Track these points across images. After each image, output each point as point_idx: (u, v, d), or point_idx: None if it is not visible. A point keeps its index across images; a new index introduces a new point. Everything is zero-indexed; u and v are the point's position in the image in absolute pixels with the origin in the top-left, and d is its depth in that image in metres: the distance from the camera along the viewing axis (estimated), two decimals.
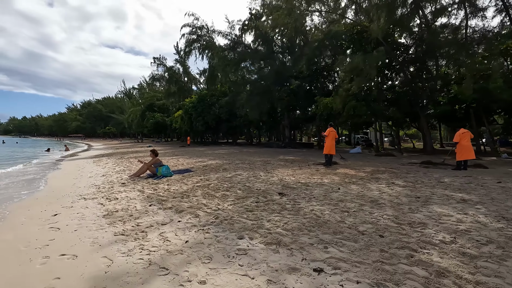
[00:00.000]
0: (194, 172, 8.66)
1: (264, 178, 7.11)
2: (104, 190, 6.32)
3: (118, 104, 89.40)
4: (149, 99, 57.44)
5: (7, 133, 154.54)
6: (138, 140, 61.17)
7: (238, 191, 5.75)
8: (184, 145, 32.41)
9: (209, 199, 5.21)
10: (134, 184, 6.98)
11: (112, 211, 4.59)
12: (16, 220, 4.32)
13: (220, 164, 10.90)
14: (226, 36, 29.80)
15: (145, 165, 8.22)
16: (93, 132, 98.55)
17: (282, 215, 4.19)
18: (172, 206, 4.78)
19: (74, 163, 14.15)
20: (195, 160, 13.13)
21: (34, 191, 6.75)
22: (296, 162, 11.61)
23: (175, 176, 7.96)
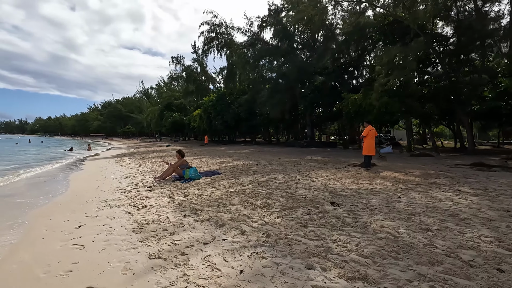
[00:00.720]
0: (222, 175, 8.00)
1: (304, 183, 6.32)
2: (130, 195, 5.76)
3: (137, 104, 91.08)
4: (167, 98, 57.90)
5: (34, 133, 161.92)
6: (157, 139, 61.85)
7: (281, 199, 5.00)
8: (202, 144, 32.08)
9: (251, 209, 4.49)
10: (161, 188, 6.39)
11: (143, 223, 3.97)
12: (36, 233, 3.77)
13: (247, 165, 10.20)
14: (245, 32, 29.15)
15: (171, 167, 7.64)
16: (113, 132, 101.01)
17: (347, 233, 3.40)
18: (210, 217, 4.09)
19: (96, 163, 13.92)
20: (219, 160, 12.52)
21: (56, 195, 6.30)
22: (329, 163, 10.72)
23: (203, 179, 7.33)
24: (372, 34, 17.48)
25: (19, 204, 5.48)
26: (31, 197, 6.16)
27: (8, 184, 8.13)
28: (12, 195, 6.52)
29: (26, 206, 5.29)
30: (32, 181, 8.68)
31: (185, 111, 54.10)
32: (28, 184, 8.24)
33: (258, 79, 27.72)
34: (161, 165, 11.37)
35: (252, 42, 27.34)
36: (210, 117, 29.74)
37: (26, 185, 8.07)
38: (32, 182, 8.50)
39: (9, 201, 5.86)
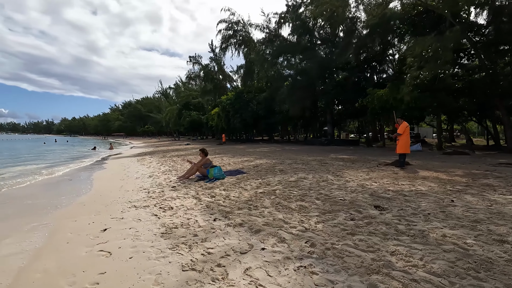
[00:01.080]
0: (247, 174, 7.65)
1: (338, 184, 5.84)
2: (155, 196, 5.52)
3: (156, 103, 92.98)
4: (185, 97, 58.52)
5: (59, 133, 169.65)
6: (175, 138, 62.72)
7: (316, 201, 4.56)
8: (220, 143, 32.01)
9: (286, 212, 4.09)
10: (186, 188, 6.12)
11: (171, 226, 3.67)
12: (61, 236, 3.56)
13: (271, 164, 9.80)
14: (263, 29, 28.69)
15: (194, 166, 7.38)
16: (133, 131, 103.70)
17: (405, 243, 2.93)
18: (242, 222, 3.73)
19: (119, 162, 14.01)
20: (241, 159, 12.20)
21: (81, 195, 6.19)
22: (357, 162, 10.12)
23: (228, 179, 7.00)
24: (400, 25, 16.52)
25: (44, 205, 5.37)
26: (56, 196, 6.08)
27: (34, 183, 8.19)
28: (38, 195, 6.49)
29: (51, 207, 5.17)
30: (58, 180, 8.73)
31: (202, 110, 54.49)
32: (54, 183, 8.27)
33: (276, 76, 27.21)
34: (183, 164, 11.20)
35: (270, 38, 26.84)
36: (228, 116, 29.59)
37: (52, 184, 8.10)
38: (58, 181, 8.54)
39: (35, 201, 5.79)
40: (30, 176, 9.50)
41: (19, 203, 5.66)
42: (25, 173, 10.48)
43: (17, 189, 7.25)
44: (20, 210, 5.05)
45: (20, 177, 9.27)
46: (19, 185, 7.88)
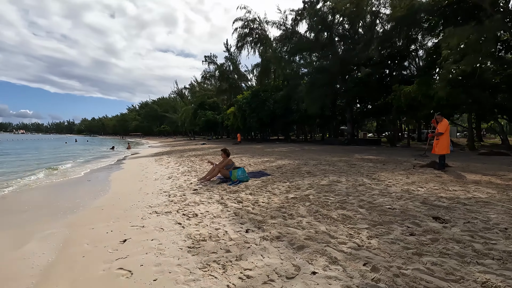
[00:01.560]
0: (272, 176, 7.12)
1: (379, 188, 5.21)
2: (176, 200, 5.10)
3: (172, 103, 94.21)
4: (200, 97, 58.67)
5: (80, 133, 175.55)
6: (190, 138, 63.10)
7: (360, 210, 3.97)
8: (236, 142, 31.66)
9: (328, 223, 3.53)
10: (209, 192, 5.67)
11: (198, 239, 3.20)
12: (76, 248, 3.17)
13: (295, 165, 9.23)
14: (279, 27, 28.04)
15: (216, 167, 6.93)
16: (150, 131, 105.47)
17: (492, 269, 2.32)
18: (280, 234, 3.21)
19: (137, 162, 13.85)
20: (261, 159, 11.69)
21: (99, 197, 5.87)
22: (388, 163, 9.38)
23: (252, 181, 6.51)
24: (429, 17, 15.46)
25: (61, 208, 5.07)
26: (73, 199, 5.78)
27: (51, 184, 8.02)
28: (55, 197, 6.24)
29: (67, 210, 4.85)
30: (76, 181, 8.53)
31: (218, 109, 54.46)
32: (72, 183, 8.07)
33: (294, 74, 26.52)
34: (202, 164, 10.82)
35: (288, 36, 26.15)
36: (244, 115, 29.16)
37: (70, 184, 7.89)
38: (76, 182, 8.33)
39: (51, 204, 5.52)
40: (47, 177, 9.39)
41: (34, 206, 5.39)
42: (43, 173, 10.42)
43: (35, 190, 7.06)
44: (35, 214, 4.76)
45: (39, 178, 9.17)
46: (37, 184, 7.71)
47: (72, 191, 6.86)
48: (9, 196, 6.38)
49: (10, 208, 5.31)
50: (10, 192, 6.80)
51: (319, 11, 23.27)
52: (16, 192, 6.74)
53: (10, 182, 8.04)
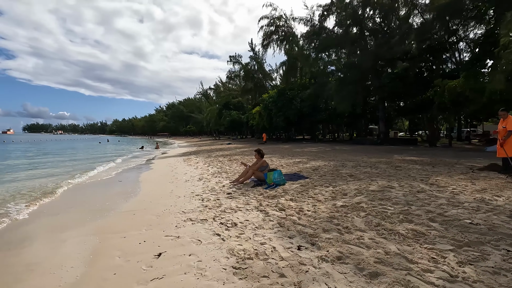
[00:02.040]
0: (310, 179, 6.52)
1: (444, 196, 4.44)
2: (211, 205, 4.69)
3: (197, 104, 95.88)
4: (225, 97, 58.99)
5: (112, 133, 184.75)
6: (215, 137, 63.70)
7: (433, 224, 3.29)
8: (261, 142, 31.20)
9: (397, 241, 2.90)
10: (244, 196, 5.21)
11: (243, 256, 2.72)
12: (107, 261, 2.81)
13: (331, 166, 8.55)
14: (307, 23, 27.20)
15: (250, 169, 6.47)
16: (176, 131, 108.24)
17: None
18: (341, 254, 2.64)
19: (165, 162, 13.81)
20: (292, 160, 11.10)
21: (129, 199, 5.62)
22: (439, 165, 8.39)
23: (289, 185, 5.96)
24: (478, 3, 13.94)
25: (91, 211, 4.86)
26: (104, 201, 5.58)
27: (83, 185, 8.00)
28: (86, 199, 6.09)
29: (98, 214, 4.61)
30: (108, 181, 8.48)
31: (242, 109, 54.41)
32: (104, 184, 8.01)
33: (322, 71, 25.54)
34: (231, 165, 10.45)
35: (315, 32, 25.22)
36: (270, 114, 28.61)
37: (101, 185, 7.82)
38: (108, 182, 8.27)
39: (83, 206, 5.34)
40: (80, 177, 9.47)
41: (66, 208, 5.24)
42: (77, 173, 10.58)
43: (67, 192, 7.02)
44: (66, 218, 4.56)
45: (71, 179, 9.26)
46: (69, 186, 7.72)
47: (103, 193, 6.73)
48: (42, 197, 6.35)
49: (43, 211, 5.20)
50: (42, 193, 6.81)
51: (349, 5, 22.16)
52: (48, 194, 6.72)
53: (44, 185, 8.14)
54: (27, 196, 6.32)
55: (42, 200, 5.89)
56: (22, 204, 5.55)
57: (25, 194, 6.55)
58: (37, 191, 6.87)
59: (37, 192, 6.74)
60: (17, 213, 4.90)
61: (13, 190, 7.00)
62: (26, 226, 4.24)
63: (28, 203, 5.56)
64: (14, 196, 6.32)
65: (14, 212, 5.00)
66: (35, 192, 6.75)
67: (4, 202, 5.75)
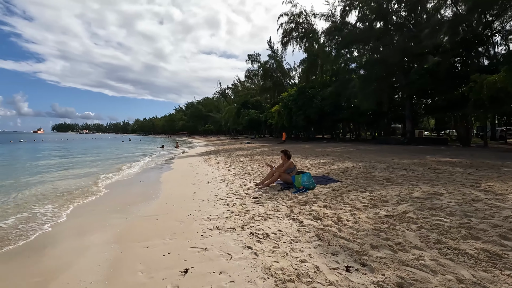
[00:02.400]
0: (341, 182, 6.03)
1: (509, 207, 3.83)
2: (237, 211, 4.34)
3: (215, 103, 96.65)
4: (243, 96, 58.90)
5: (133, 132, 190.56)
6: (234, 137, 63.81)
7: (507, 243, 2.74)
8: (280, 141, 30.68)
9: (469, 265, 2.39)
10: (272, 201, 4.82)
11: (281, 277, 2.32)
12: (129, 278, 2.51)
13: (361, 169, 7.98)
14: (328, 18, 26.33)
15: (276, 171, 6.07)
16: (195, 130, 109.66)
17: None
18: (402, 280, 2.18)
19: (186, 162, 13.69)
20: (316, 160, 10.58)
21: (150, 202, 5.40)
22: (482, 167, 7.60)
23: (319, 189, 5.50)
24: None
25: (111, 215, 4.65)
26: (125, 203, 5.39)
27: (105, 186, 7.92)
28: (107, 201, 5.94)
29: (119, 218, 4.39)
30: (129, 182, 8.38)
31: (261, 108, 54.06)
32: (124, 185, 7.90)
33: (344, 68, 24.64)
34: (253, 165, 10.10)
35: (337, 28, 24.34)
36: (290, 113, 28.01)
37: (122, 186, 7.71)
38: (129, 183, 8.17)
39: (104, 208, 5.16)
40: (103, 179, 9.47)
41: (87, 210, 5.08)
42: (101, 174, 10.63)
43: (91, 193, 6.93)
44: (86, 221, 4.37)
45: (95, 180, 9.26)
46: (93, 189, 7.66)
47: (124, 194, 6.58)
48: (65, 199, 6.27)
49: (69, 213, 5.07)
50: (66, 195, 6.76)
51: None
52: (71, 195, 6.66)
53: (69, 186, 8.15)
54: (53, 197, 6.28)
55: (68, 203, 5.80)
56: (48, 206, 5.48)
57: (50, 195, 6.53)
58: (62, 193, 6.84)
59: (63, 194, 6.71)
60: (43, 216, 4.79)
61: (38, 192, 7.02)
62: (50, 229, 4.08)
63: (55, 206, 5.48)
64: (39, 198, 6.31)
65: (40, 214, 4.90)
66: (61, 194, 6.72)
67: (28, 204, 5.71)
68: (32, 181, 8.62)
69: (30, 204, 5.62)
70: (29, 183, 8.12)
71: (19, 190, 7.05)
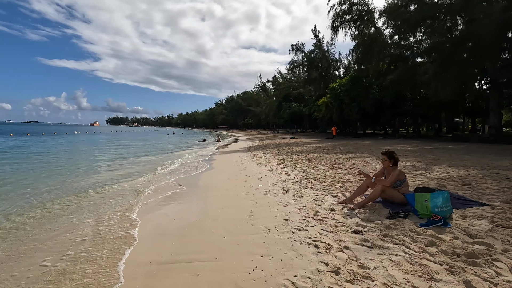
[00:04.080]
0: (489, 206, 3.66)
1: None
2: (344, 269, 2.31)
3: (255, 97, 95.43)
4: (285, 89, 56.41)
5: (176, 126, 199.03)
6: (274, 131, 61.80)
7: None
8: (329, 136, 27.86)
9: None
10: (395, 243, 2.70)
11: None
12: None
13: (487, 179, 5.43)
14: None
15: (378, 184, 3.92)
16: (234, 124, 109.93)
17: None
18: None
19: (230, 159, 12.03)
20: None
21: (189, 235, 3.59)
22: None
23: (459, 217, 3.23)
24: None
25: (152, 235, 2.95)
26: (166, 219, 3.70)
27: (141, 194, 6.45)
28: (141, 214, 4.33)
29: (157, 260, 2.64)
30: (167, 188, 6.84)
31: (303, 101, 51.21)
32: (161, 193, 6.35)
33: (413, 51, 21.00)
34: (315, 166, 7.99)
35: (403, 3, 20.71)
36: (341, 105, 25.08)
37: (159, 192, 6.15)
38: (166, 187, 6.61)
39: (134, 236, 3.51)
40: (140, 180, 8.13)
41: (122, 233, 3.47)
42: (141, 177, 9.40)
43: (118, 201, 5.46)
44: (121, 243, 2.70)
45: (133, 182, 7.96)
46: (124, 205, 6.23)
47: (161, 211, 4.96)
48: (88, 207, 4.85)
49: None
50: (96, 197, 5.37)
51: None
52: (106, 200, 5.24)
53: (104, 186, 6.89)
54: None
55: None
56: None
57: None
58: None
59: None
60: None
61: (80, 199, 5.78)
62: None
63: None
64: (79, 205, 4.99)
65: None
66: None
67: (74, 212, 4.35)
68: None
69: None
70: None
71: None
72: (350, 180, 6.00)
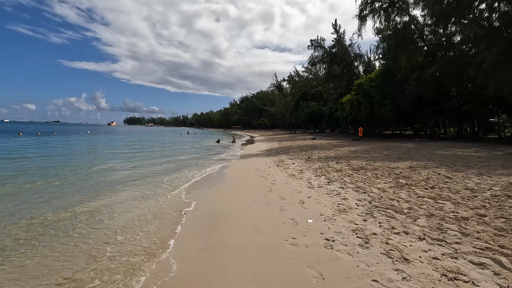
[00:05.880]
0: None
1: None
2: None
3: (270, 97, 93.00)
4: (303, 87, 53.71)
5: (191, 125, 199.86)
6: (291, 131, 59.24)
7: None
8: (356, 138, 25.15)
9: None
10: None
11: None
12: None
13: None
14: None
15: None
16: (249, 124, 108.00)
17: None
18: None
19: (252, 166, 9.77)
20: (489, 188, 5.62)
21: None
22: None
23: None
24: None
25: None
26: None
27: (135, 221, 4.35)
28: None
29: None
30: (172, 213, 4.70)
31: (322, 100, 48.45)
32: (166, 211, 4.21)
33: (466, 37, 18.14)
34: (371, 180, 5.64)
35: None
36: (371, 102, 22.33)
37: (161, 220, 4.02)
38: (171, 215, 4.47)
39: None
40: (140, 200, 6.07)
41: None
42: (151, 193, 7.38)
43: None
44: None
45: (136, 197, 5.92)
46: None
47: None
48: None
49: None
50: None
51: None
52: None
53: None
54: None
55: None
56: None
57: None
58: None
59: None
60: None
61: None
62: None
63: None
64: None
65: None
66: None
67: None
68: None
69: None
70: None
71: None
72: (465, 217, 3.60)
